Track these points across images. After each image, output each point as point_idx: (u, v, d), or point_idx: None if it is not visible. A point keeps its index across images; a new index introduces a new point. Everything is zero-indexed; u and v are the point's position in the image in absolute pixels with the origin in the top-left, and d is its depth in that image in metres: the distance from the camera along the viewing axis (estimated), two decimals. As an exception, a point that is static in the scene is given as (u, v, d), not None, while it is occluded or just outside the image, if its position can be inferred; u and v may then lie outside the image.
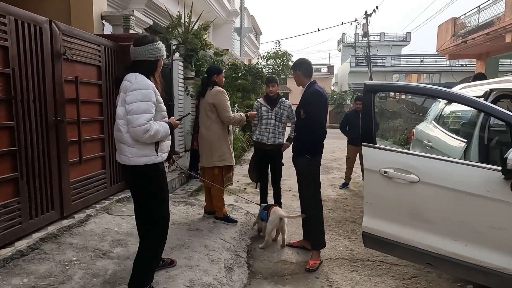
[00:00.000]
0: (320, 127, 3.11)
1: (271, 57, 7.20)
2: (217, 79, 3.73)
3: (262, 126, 4.10)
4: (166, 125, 2.34)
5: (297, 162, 3.25)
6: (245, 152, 9.30)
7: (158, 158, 2.33)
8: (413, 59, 28.38)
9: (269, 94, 4.09)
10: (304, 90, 3.21)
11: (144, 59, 2.31)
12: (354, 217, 4.58)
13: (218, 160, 3.68)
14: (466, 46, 11.29)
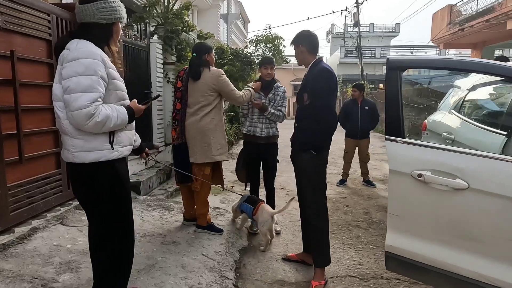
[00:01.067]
0: (330, 115, 2.49)
1: (261, 41, 6.53)
2: (209, 58, 3.10)
3: (254, 116, 3.45)
4: (123, 109, 1.72)
5: (299, 160, 2.63)
6: (233, 145, 8.66)
7: (114, 154, 1.72)
8: (402, 50, 28.05)
9: (265, 78, 3.43)
10: (308, 69, 2.58)
11: (93, 22, 1.69)
12: (357, 220, 4.01)
13: (217, 154, 3.08)
14: (463, 34, 10.83)
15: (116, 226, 1.77)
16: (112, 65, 1.72)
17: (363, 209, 4.43)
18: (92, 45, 1.65)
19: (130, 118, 1.76)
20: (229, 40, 13.47)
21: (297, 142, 2.66)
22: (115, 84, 1.72)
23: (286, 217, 4.04)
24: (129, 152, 1.85)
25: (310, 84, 2.50)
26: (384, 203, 4.71)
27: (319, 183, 2.61)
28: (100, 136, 1.67)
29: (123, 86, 1.81)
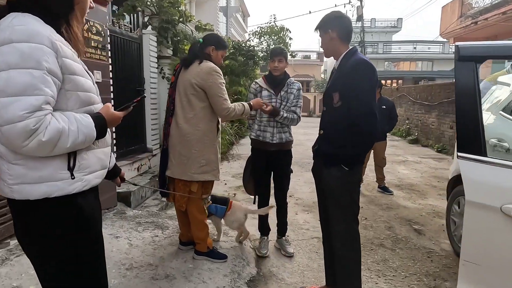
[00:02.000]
0: (371, 121, 1.89)
1: (265, 33, 5.96)
2: (213, 54, 2.52)
3: (264, 118, 2.89)
4: (87, 120, 1.16)
5: (325, 176, 2.09)
6: (233, 145, 8.12)
7: (75, 185, 1.16)
8: (405, 45, 27.48)
9: (274, 72, 2.86)
10: (339, 62, 2.03)
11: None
12: (380, 237, 3.48)
13: (199, 172, 2.47)
14: (475, 28, 10.27)
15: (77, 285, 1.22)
16: (70, 54, 1.16)
17: (384, 223, 3.90)
18: (37, 22, 1.09)
19: (100, 131, 1.21)
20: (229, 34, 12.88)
21: (323, 153, 2.11)
22: (75, 81, 1.16)
23: (298, 234, 3.51)
24: (100, 180, 1.29)
25: (342, 80, 1.95)
26: (406, 214, 4.19)
27: (350, 206, 2.06)
28: (53, 160, 1.12)
29: (90, 85, 1.25)
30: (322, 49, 2.15)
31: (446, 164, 7.48)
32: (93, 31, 3.10)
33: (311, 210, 4.24)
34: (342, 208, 2.04)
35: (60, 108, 1.12)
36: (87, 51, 3.04)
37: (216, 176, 2.56)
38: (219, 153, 2.62)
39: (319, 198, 2.28)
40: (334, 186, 2.03)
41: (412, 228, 3.75)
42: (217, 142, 2.59)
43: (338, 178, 2.00)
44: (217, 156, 2.55)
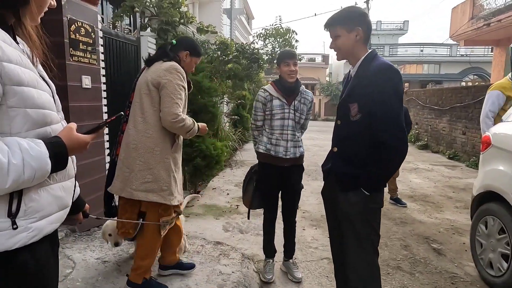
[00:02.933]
0: (401, 136, 1.60)
1: (270, 35, 5.68)
2: (186, 60, 2.23)
3: (275, 130, 2.56)
4: (38, 147, 0.86)
5: (341, 201, 1.79)
6: (236, 151, 7.84)
7: (19, 237, 0.87)
8: (411, 48, 27.10)
9: (290, 78, 2.51)
10: (357, 67, 1.73)
11: None
12: (397, 258, 3.16)
13: (141, 189, 2.06)
14: (488, 30, 9.93)
15: None
16: (16, 56, 0.87)
17: (399, 240, 3.57)
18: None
19: (58, 162, 0.92)
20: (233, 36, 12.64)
21: (338, 175, 1.81)
22: (23, 95, 0.87)
23: (306, 254, 3.20)
24: (57, 225, 0.99)
25: (363, 89, 1.64)
26: (423, 230, 3.86)
27: (370, 237, 1.76)
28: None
29: (46, 99, 0.95)
30: (336, 50, 1.78)
31: (459, 172, 7.13)
32: (81, 32, 2.83)
33: (319, 225, 3.93)
34: (361, 239, 1.74)
35: (0, 132, 0.83)
36: (74, 54, 2.76)
37: (166, 198, 2.09)
38: (177, 173, 2.19)
39: (331, 223, 1.98)
40: (352, 214, 1.73)
41: (431, 247, 3.43)
42: (174, 158, 2.17)
43: (357, 204, 1.70)
44: (170, 174, 2.12)
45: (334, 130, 1.90)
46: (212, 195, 5.03)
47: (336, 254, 2.03)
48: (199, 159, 4.57)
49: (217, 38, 6.14)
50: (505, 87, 3.50)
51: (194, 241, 3.22)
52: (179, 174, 2.27)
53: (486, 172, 2.88)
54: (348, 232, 1.79)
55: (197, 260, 2.83)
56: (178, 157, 2.23)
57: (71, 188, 1.06)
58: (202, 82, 4.56)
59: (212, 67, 5.36)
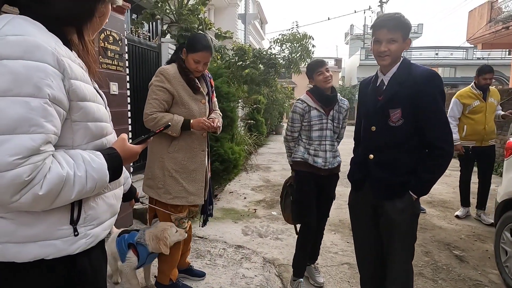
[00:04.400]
0: (452, 141, 1.69)
1: (287, 40, 5.72)
2: (185, 57, 2.20)
3: (314, 141, 2.51)
4: (99, 160, 0.91)
5: (388, 208, 1.78)
6: (251, 155, 7.88)
7: (79, 244, 0.92)
8: (426, 51, 26.77)
9: (327, 84, 2.46)
10: (395, 73, 1.74)
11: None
12: (419, 265, 3.13)
13: (145, 184, 2.29)
14: (507, 33, 9.76)
15: None
16: (81, 73, 0.92)
17: (420, 246, 3.54)
18: (38, 29, 0.85)
19: (114, 173, 0.96)
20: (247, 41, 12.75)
21: (382, 183, 1.79)
22: (86, 109, 0.92)
23: (326, 259, 3.21)
24: (108, 231, 1.05)
25: (410, 95, 1.66)
26: (444, 237, 3.82)
27: (412, 242, 1.81)
28: (51, 213, 0.88)
29: (103, 112, 1.01)
30: (386, 54, 1.71)
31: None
32: (110, 40, 2.93)
33: (337, 230, 3.94)
34: (406, 246, 1.78)
35: (63, 144, 0.89)
36: (104, 61, 2.86)
37: (161, 196, 2.18)
38: (180, 173, 2.20)
39: (364, 233, 1.97)
40: (400, 222, 1.75)
41: (453, 254, 3.39)
42: (174, 158, 2.18)
43: (404, 211, 1.72)
44: (165, 174, 2.17)
45: (367, 136, 1.88)
46: (230, 199, 5.08)
47: (365, 265, 2.03)
48: (218, 163, 4.62)
49: (233, 44, 6.22)
50: (462, 95, 4.12)
51: (216, 245, 3.27)
52: (191, 174, 2.23)
53: (510, 179, 2.85)
54: (394, 240, 1.80)
55: (220, 263, 2.87)
56: (182, 157, 2.20)
57: (121, 195, 1.12)
58: (221, 87, 4.62)
59: (229, 72, 5.43)
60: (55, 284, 0.91)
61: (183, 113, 2.16)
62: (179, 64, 2.19)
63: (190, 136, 2.22)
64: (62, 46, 0.89)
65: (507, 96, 7.35)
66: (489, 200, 5.07)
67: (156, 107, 2.11)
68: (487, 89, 4.06)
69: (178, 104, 2.17)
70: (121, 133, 1.09)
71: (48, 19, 0.88)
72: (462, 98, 4.10)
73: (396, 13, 1.77)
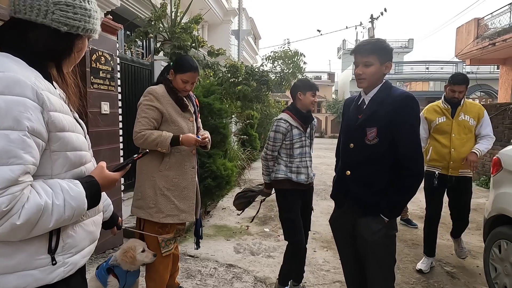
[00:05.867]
0: (422, 163, 1.76)
1: (279, 57, 5.84)
2: (173, 78, 2.25)
3: (295, 159, 2.57)
4: (78, 189, 0.93)
5: (361, 229, 1.82)
6: (245, 170, 7.88)
7: (57, 272, 0.93)
8: (417, 65, 27.29)
9: (311, 107, 2.63)
10: (373, 95, 1.80)
11: (41, 23, 0.93)
12: (410, 282, 3.14)
13: (135, 205, 2.27)
14: (493, 49, 10.02)
15: None
16: (59, 104, 0.96)
17: (412, 263, 3.55)
18: (18, 65, 0.89)
19: (93, 201, 0.99)
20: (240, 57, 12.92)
21: (356, 201, 1.84)
22: (64, 140, 0.95)
23: (318, 277, 3.20)
24: (87, 258, 1.06)
25: (386, 115, 1.71)
26: (436, 252, 3.83)
27: (391, 264, 1.79)
28: (28, 243, 0.89)
29: (82, 141, 1.04)
30: (362, 77, 1.79)
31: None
32: (101, 61, 2.97)
33: (330, 247, 3.93)
34: (382, 267, 1.78)
35: (42, 174, 0.91)
36: (95, 81, 2.89)
37: (153, 216, 2.16)
38: (172, 191, 2.20)
39: (345, 249, 2.00)
40: (374, 242, 1.76)
41: (444, 270, 3.40)
42: (166, 176, 2.19)
43: (377, 232, 1.74)
44: (157, 192, 2.17)
45: (345, 153, 1.93)
46: (222, 216, 5.06)
47: (351, 280, 2.05)
48: (210, 180, 4.62)
49: (226, 60, 6.31)
50: (427, 109, 3.38)
51: (207, 264, 3.25)
52: (183, 192, 2.25)
53: (498, 195, 2.89)
54: (369, 261, 1.82)
55: (211, 283, 2.85)
56: (174, 175, 2.22)
57: (100, 221, 1.14)
58: (213, 104, 4.67)
59: (222, 89, 5.50)
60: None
61: (172, 130, 2.19)
62: (166, 84, 2.25)
63: (181, 153, 2.25)
64: (41, 80, 0.93)
65: (496, 110, 7.49)
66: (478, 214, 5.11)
67: (145, 125, 2.14)
68: (457, 103, 3.16)
69: (168, 122, 2.20)
70: (112, 152, 1.11)
71: (30, 55, 0.93)
72: (426, 113, 3.33)
73: (375, 38, 1.88)
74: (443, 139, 3.21)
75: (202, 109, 4.45)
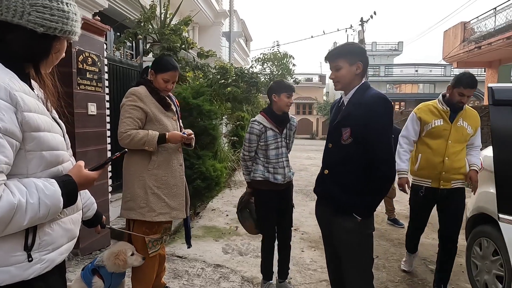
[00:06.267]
0: (393, 165, 1.78)
1: (268, 59, 5.88)
2: (153, 78, 2.28)
3: (271, 159, 2.66)
4: (52, 187, 0.95)
5: (336, 227, 1.86)
6: (235, 171, 7.90)
7: (33, 269, 0.95)
8: (407, 68, 27.67)
9: (286, 109, 2.64)
10: (350, 96, 1.85)
11: (17, 23, 0.94)
12: (395, 280, 3.20)
13: (124, 208, 2.24)
14: (479, 52, 10.23)
15: None
16: (34, 104, 0.98)
17: (397, 262, 3.62)
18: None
19: (69, 199, 1.00)
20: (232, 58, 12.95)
21: (332, 199, 1.88)
22: (40, 139, 0.97)
23: (305, 276, 3.23)
24: (65, 256, 1.08)
25: (357, 116, 1.75)
26: (420, 251, 3.88)
27: (368, 264, 1.83)
28: (5, 240, 0.91)
29: (59, 141, 1.06)
30: (336, 81, 1.88)
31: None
32: (88, 62, 2.97)
33: (318, 247, 3.98)
34: (358, 266, 1.81)
35: (18, 173, 0.93)
36: (82, 83, 2.89)
37: (145, 215, 2.17)
38: (161, 189, 2.23)
39: (327, 248, 2.05)
40: (348, 241, 1.81)
41: (429, 268, 3.47)
42: (155, 175, 2.21)
43: (352, 232, 1.77)
44: (147, 191, 2.19)
45: (325, 152, 1.99)
46: (212, 217, 5.07)
47: (332, 278, 2.09)
48: (199, 181, 4.63)
49: (216, 62, 6.33)
50: (421, 108, 2.90)
51: (195, 264, 3.26)
52: (172, 189, 2.27)
53: (479, 195, 2.97)
54: (345, 259, 1.86)
55: (198, 283, 2.87)
56: (163, 173, 2.24)
57: (79, 219, 1.16)
58: (202, 106, 4.68)
59: (212, 91, 5.52)
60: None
61: (157, 129, 2.22)
62: (147, 85, 2.27)
63: (167, 151, 2.27)
64: (16, 81, 0.94)
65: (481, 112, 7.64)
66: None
67: (130, 124, 2.15)
68: (460, 108, 2.77)
69: (153, 121, 2.22)
70: (100, 153, 1.14)
71: (6, 56, 0.95)
72: (420, 112, 2.85)
73: (343, 43, 1.96)
74: (436, 145, 2.77)
75: (192, 111, 4.47)
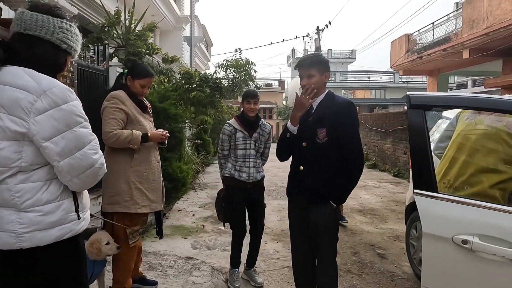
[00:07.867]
0: (362, 155, 2.16)
1: (231, 66, 6.20)
2: (130, 84, 2.48)
3: (239, 158, 2.97)
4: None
5: (314, 214, 2.15)
6: (199, 173, 8.09)
7: (81, 225, 1.29)
8: (360, 75, 29.34)
9: (250, 113, 2.95)
10: (321, 100, 2.16)
11: (48, 39, 1.21)
12: (347, 264, 3.62)
13: (108, 203, 2.41)
14: (421, 62, 11.31)
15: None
16: None
17: (350, 248, 4.07)
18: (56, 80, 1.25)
19: None
20: (193, 63, 13.09)
21: (310, 191, 2.16)
22: None
23: (269, 264, 3.56)
24: (88, 222, 1.40)
25: (333, 118, 2.06)
26: (370, 239, 4.40)
27: (336, 241, 2.21)
28: (64, 203, 1.22)
29: None
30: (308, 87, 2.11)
31: (402, 188, 7.96)
32: (62, 67, 3.09)
33: (280, 239, 4.33)
34: (332, 245, 2.16)
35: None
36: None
37: (131, 208, 2.39)
38: (143, 184, 2.44)
39: (300, 236, 2.30)
40: (326, 225, 2.12)
41: (376, 252, 3.95)
42: (137, 171, 2.43)
43: (329, 216, 2.10)
44: (131, 186, 2.39)
45: (299, 151, 2.24)
46: (178, 217, 5.24)
47: (300, 263, 2.38)
48: (166, 182, 4.79)
49: (180, 68, 6.52)
50: None
51: (167, 257, 3.46)
52: (152, 184, 2.50)
53: (414, 185, 3.49)
54: (322, 241, 2.16)
55: (171, 273, 3.08)
56: (144, 169, 2.46)
57: (88, 202, 1.45)
58: (168, 109, 4.87)
59: (177, 95, 5.71)
60: (70, 258, 1.23)
61: (138, 129, 2.43)
62: (125, 89, 2.49)
63: (147, 149, 2.51)
64: None
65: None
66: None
67: (115, 125, 2.33)
68: None
69: (133, 122, 2.44)
70: None
71: (40, 67, 1.22)
72: None
73: (313, 53, 2.30)
74: None
75: (158, 114, 4.64)
